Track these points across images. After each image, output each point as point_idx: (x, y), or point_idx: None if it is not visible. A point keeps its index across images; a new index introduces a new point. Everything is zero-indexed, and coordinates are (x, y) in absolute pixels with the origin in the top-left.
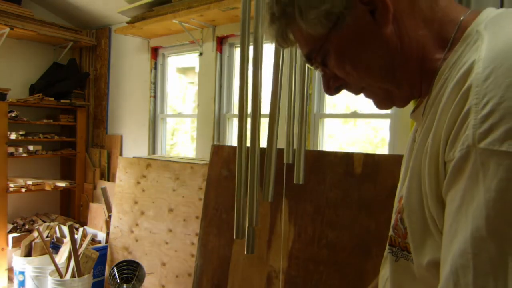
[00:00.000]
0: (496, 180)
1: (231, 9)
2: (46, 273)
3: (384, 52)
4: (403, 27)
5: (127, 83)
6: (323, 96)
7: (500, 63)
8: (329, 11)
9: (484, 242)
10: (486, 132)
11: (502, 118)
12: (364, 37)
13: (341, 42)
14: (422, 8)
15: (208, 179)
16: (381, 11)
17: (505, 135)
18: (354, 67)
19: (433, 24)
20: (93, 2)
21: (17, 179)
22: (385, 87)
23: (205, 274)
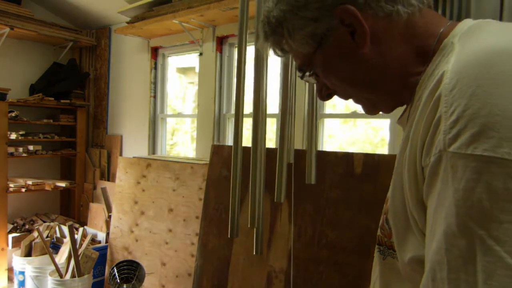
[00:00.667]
0: (464, 180)
1: (231, 9)
2: (46, 273)
3: (365, 69)
4: (384, 46)
5: (127, 83)
6: None
7: (465, 73)
8: (314, 33)
9: (455, 239)
10: (454, 137)
11: (467, 124)
12: (346, 55)
13: (326, 58)
14: (401, 27)
15: (208, 179)
16: (359, 33)
17: (470, 139)
18: (339, 80)
19: (413, 40)
20: (93, 2)
21: (17, 179)
22: (369, 97)
23: (205, 274)
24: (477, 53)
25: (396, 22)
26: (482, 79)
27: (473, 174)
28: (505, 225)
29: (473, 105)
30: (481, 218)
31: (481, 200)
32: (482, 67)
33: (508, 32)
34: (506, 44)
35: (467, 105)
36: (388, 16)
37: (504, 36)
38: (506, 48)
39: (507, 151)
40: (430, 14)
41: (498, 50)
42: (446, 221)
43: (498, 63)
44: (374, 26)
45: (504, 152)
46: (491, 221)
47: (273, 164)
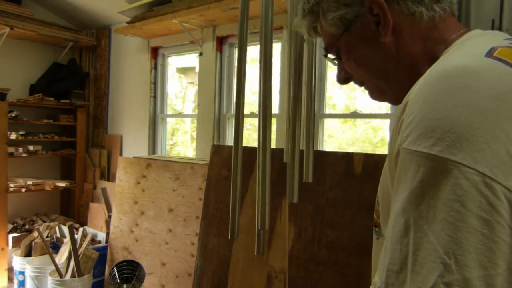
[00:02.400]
0: (410, 171)
1: (231, 9)
2: (46, 273)
3: (382, 57)
4: (401, 40)
5: (127, 83)
6: (323, 96)
7: (426, 85)
8: (344, 16)
9: (398, 217)
10: (406, 136)
11: (416, 126)
12: (368, 42)
13: (350, 42)
14: (422, 28)
15: (208, 179)
16: (383, 24)
17: (416, 138)
18: (357, 64)
19: (428, 43)
20: (93, 2)
21: (17, 179)
22: (379, 85)
23: (205, 274)
24: (440, 69)
25: (417, 22)
26: (434, 91)
27: (415, 166)
28: (432, 209)
29: (423, 110)
30: (416, 202)
31: (417, 188)
32: (438, 80)
33: (479, 48)
34: (465, 62)
35: (419, 110)
36: (412, 15)
37: (471, 54)
38: (462, 66)
39: (439, 149)
40: (449, 20)
41: (455, 67)
42: (397, 203)
43: (450, 78)
44: (397, 21)
45: (437, 150)
46: (423, 204)
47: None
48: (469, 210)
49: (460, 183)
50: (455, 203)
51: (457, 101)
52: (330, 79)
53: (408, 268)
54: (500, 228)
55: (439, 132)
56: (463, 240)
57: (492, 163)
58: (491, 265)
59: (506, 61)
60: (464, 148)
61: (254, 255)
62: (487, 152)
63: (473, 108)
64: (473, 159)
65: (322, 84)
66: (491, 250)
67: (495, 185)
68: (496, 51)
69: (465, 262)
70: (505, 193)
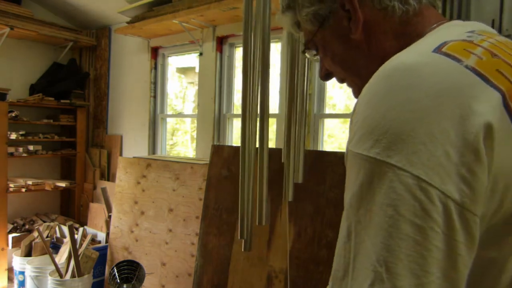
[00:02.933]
0: (353, 174)
1: (231, 9)
2: (46, 273)
3: (354, 54)
4: (373, 36)
5: (127, 83)
6: (323, 96)
7: (370, 84)
8: (317, 12)
9: (343, 221)
10: (351, 137)
11: (358, 128)
12: (341, 39)
13: (325, 39)
14: (395, 22)
15: (208, 179)
16: (353, 20)
17: (358, 140)
18: (333, 61)
19: (402, 38)
20: (93, 2)
21: (17, 179)
22: (356, 82)
23: (205, 274)
24: (385, 68)
25: (390, 17)
26: (376, 90)
27: (356, 168)
28: (369, 213)
29: (365, 111)
30: (357, 207)
31: (357, 191)
32: (380, 79)
33: (431, 43)
34: (408, 60)
35: (362, 110)
36: (384, 10)
37: (419, 50)
38: (404, 63)
39: (377, 151)
40: (427, 13)
41: (398, 66)
42: (345, 202)
43: (391, 77)
44: (369, 16)
45: (375, 152)
46: (362, 209)
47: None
48: (402, 215)
49: (394, 186)
50: (388, 208)
51: (396, 101)
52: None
53: (349, 275)
54: (433, 235)
55: (377, 133)
56: (395, 247)
57: (428, 165)
58: (424, 274)
59: (453, 56)
60: (400, 150)
61: (254, 255)
62: (423, 154)
63: (411, 107)
64: (408, 162)
65: (322, 84)
66: (424, 258)
67: (430, 189)
68: (446, 45)
69: (396, 270)
70: (440, 197)
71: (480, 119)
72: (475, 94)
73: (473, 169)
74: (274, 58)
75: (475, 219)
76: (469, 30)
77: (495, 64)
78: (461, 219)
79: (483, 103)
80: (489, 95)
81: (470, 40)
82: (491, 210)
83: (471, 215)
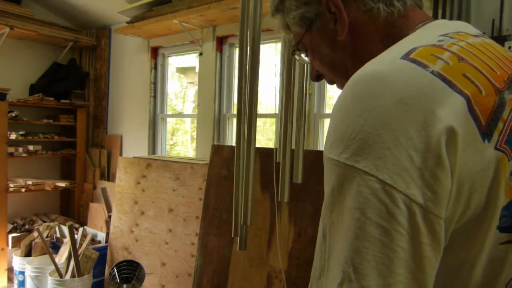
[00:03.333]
0: (326, 177)
1: (231, 9)
2: (46, 273)
3: (341, 56)
4: (359, 38)
5: (127, 83)
6: (323, 96)
7: (343, 90)
8: (304, 15)
9: (320, 223)
10: (326, 143)
11: (331, 133)
12: (328, 41)
13: (313, 41)
14: (380, 24)
15: (208, 179)
16: (339, 22)
17: (330, 146)
18: (322, 63)
19: (386, 39)
20: (93, 2)
21: (17, 179)
22: (343, 83)
23: (205, 274)
24: (355, 75)
25: (375, 18)
26: (346, 97)
27: (329, 172)
28: (340, 216)
29: (336, 117)
30: (330, 209)
31: (330, 195)
32: (350, 86)
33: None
34: (376, 67)
35: (334, 116)
36: (369, 11)
37: (389, 57)
38: (372, 71)
39: (346, 156)
40: (412, 14)
41: (366, 73)
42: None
43: (359, 84)
44: (354, 18)
45: (344, 158)
46: (334, 212)
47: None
48: (369, 218)
49: (361, 190)
50: (356, 211)
51: (363, 107)
52: None
53: (324, 275)
54: (398, 237)
55: (346, 139)
56: (362, 248)
57: (393, 170)
58: (390, 274)
59: (420, 62)
60: (367, 155)
61: (254, 255)
62: (388, 159)
63: (377, 114)
64: (375, 166)
65: (322, 84)
66: (390, 259)
67: (394, 193)
68: (415, 51)
69: (363, 271)
70: (404, 201)
71: (442, 124)
72: (439, 99)
73: (435, 173)
74: (273, 59)
75: (440, 221)
76: (443, 33)
77: (461, 68)
78: (425, 221)
79: (447, 109)
80: (453, 100)
81: (440, 44)
82: (458, 212)
83: (436, 218)
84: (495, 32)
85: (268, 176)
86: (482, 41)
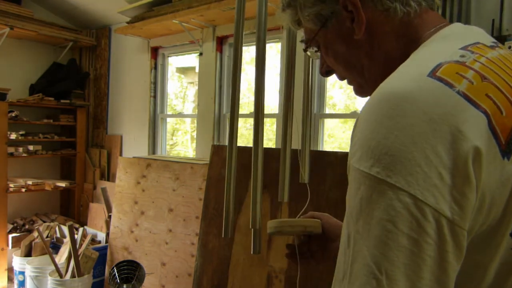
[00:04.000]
0: (352, 187)
1: (231, 9)
2: (46, 273)
3: (357, 54)
4: (375, 37)
5: (127, 83)
6: (323, 96)
7: (369, 104)
8: (319, 13)
9: (343, 229)
10: (354, 153)
11: (360, 146)
12: (343, 39)
13: (327, 38)
14: (396, 24)
15: (208, 179)
16: (356, 21)
17: (359, 157)
18: (336, 60)
19: (402, 39)
20: (93, 2)
21: (17, 179)
22: (357, 80)
23: (205, 274)
24: (383, 90)
25: (391, 18)
26: (375, 112)
27: (357, 183)
28: (367, 226)
29: (365, 131)
30: (356, 218)
31: (357, 204)
32: (379, 102)
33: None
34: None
35: (363, 130)
36: (386, 11)
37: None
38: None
39: (377, 170)
40: (425, 16)
41: (396, 91)
42: (345, 214)
43: (389, 101)
44: (371, 17)
45: (375, 171)
46: (360, 221)
47: (272, 164)
48: (400, 230)
49: (393, 204)
50: (387, 223)
51: (394, 125)
52: (330, 79)
53: (347, 278)
54: (427, 247)
55: (377, 153)
56: (394, 257)
57: (424, 186)
58: (417, 279)
59: (447, 82)
60: (399, 171)
61: (254, 255)
62: (419, 175)
63: (408, 132)
64: (406, 182)
65: (322, 84)
66: (418, 266)
67: (425, 207)
68: (440, 68)
69: (394, 277)
70: (434, 215)
71: (469, 144)
72: (465, 119)
73: (463, 190)
74: (274, 59)
75: (464, 232)
76: (463, 45)
77: (484, 88)
78: (451, 233)
79: (472, 128)
80: (477, 120)
81: (463, 61)
82: (479, 223)
83: (460, 230)
84: (495, 32)
85: (268, 176)
86: (499, 55)
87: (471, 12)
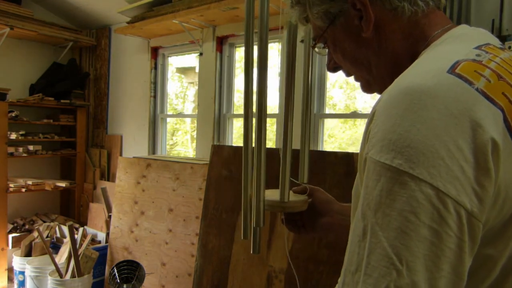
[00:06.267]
0: (371, 180)
1: (231, 9)
2: (46, 273)
3: (365, 52)
4: (383, 35)
5: (127, 83)
6: (323, 96)
7: (389, 98)
8: (328, 11)
9: (358, 222)
10: (372, 146)
11: (380, 138)
12: (352, 37)
13: (335, 35)
14: (404, 23)
15: (208, 179)
16: (365, 20)
17: (379, 149)
18: (343, 57)
19: (409, 38)
20: (93, 2)
21: (17, 179)
22: (365, 77)
23: (205, 274)
24: (403, 84)
25: (399, 17)
26: (397, 105)
27: (377, 175)
28: (387, 217)
29: (386, 123)
30: (375, 209)
31: (377, 196)
32: (400, 95)
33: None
34: (425, 80)
35: (383, 122)
36: (394, 10)
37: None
38: (423, 83)
39: (400, 162)
40: (432, 16)
41: (416, 83)
42: (359, 207)
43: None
44: (379, 16)
45: (397, 163)
46: (380, 212)
47: (272, 164)
48: (422, 221)
49: (415, 195)
50: (410, 214)
51: (417, 118)
52: (330, 79)
53: (362, 270)
54: (447, 238)
55: (399, 146)
56: (414, 248)
57: (446, 179)
58: (436, 269)
59: (466, 78)
60: (421, 163)
61: (254, 255)
62: (442, 168)
63: (430, 125)
64: (429, 174)
65: (322, 84)
66: (438, 257)
67: (446, 199)
68: (459, 66)
69: (414, 267)
70: (455, 206)
71: (488, 135)
72: (484, 115)
73: (483, 183)
74: (274, 59)
75: (480, 225)
76: (476, 45)
77: (501, 87)
78: (468, 224)
79: (491, 123)
80: (495, 116)
81: (479, 60)
82: (493, 216)
83: (477, 222)
84: (495, 32)
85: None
86: (510, 56)
87: (471, 12)
